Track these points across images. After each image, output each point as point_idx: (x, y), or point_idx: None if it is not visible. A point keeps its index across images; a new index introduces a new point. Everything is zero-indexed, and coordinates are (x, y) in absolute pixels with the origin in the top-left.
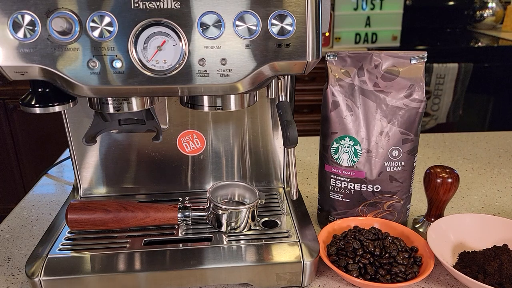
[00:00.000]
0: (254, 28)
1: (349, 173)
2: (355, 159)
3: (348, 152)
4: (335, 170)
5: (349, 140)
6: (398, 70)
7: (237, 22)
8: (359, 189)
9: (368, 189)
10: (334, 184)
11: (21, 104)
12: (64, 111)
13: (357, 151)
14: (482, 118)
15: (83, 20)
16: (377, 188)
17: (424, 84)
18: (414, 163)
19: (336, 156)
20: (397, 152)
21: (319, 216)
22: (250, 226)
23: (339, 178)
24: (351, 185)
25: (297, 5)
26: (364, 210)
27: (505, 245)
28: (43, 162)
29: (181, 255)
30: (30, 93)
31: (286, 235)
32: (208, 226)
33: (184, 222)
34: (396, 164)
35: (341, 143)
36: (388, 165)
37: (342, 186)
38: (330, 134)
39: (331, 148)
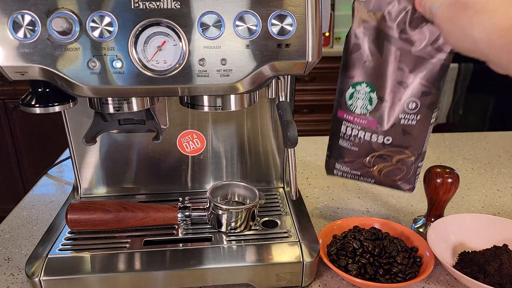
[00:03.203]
0: (254, 28)
1: (361, 121)
2: (369, 107)
3: (363, 99)
4: (347, 116)
5: (366, 87)
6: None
7: (237, 22)
8: (369, 139)
9: (378, 140)
10: (345, 131)
11: (21, 104)
12: (64, 111)
13: (372, 99)
14: (482, 118)
15: (83, 20)
16: (388, 140)
17: None
18: (432, 120)
19: (350, 102)
20: (414, 105)
21: (327, 163)
22: (250, 226)
23: (351, 125)
24: (361, 133)
25: (297, 5)
26: (371, 161)
27: (505, 245)
28: (43, 162)
29: (181, 255)
30: (30, 93)
31: (286, 235)
32: (208, 226)
33: (184, 222)
34: (412, 117)
35: (357, 89)
36: (403, 117)
37: (353, 134)
38: (348, 79)
39: (347, 94)
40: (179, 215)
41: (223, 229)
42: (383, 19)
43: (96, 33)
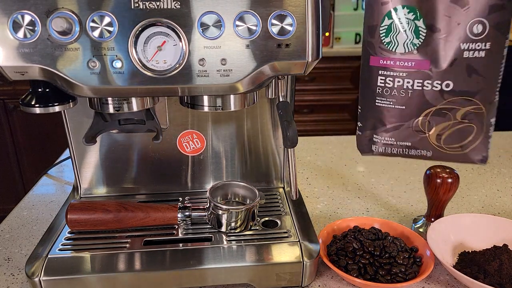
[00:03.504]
0: (254, 28)
1: (406, 63)
2: (416, 41)
3: (406, 31)
4: (385, 61)
5: (408, 12)
6: None
7: (237, 22)
8: (420, 87)
9: (434, 88)
10: (383, 85)
11: (21, 104)
12: (64, 111)
13: (420, 28)
14: None
15: (83, 20)
16: (447, 85)
17: None
18: (505, 49)
19: (387, 40)
20: (480, 27)
21: (359, 140)
22: (250, 226)
23: (391, 73)
24: (409, 82)
25: (297, 5)
26: (427, 122)
27: (505, 245)
28: (43, 162)
29: (181, 255)
30: (30, 93)
31: (286, 235)
32: (208, 226)
33: (184, 222)
34: (479, 46)
35: (395, 18)
36: (467, 47)
37: (396, 86)
38: (379, 6)
39: (381, 28)
40: (179, 215)
41: (223, 229)
42: None
43: (96, 33)
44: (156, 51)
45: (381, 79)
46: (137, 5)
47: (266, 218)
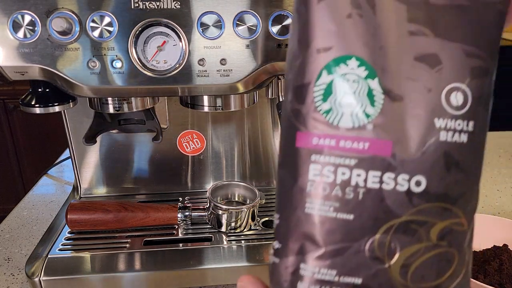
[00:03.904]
0: (254, 28)
1: (356, 144)
2: (370, 110)
3: (355, 94)
4: (321, 141)
5: (358, 67)
6: None
7: (237, 22)
8: (377, 185)
9: (399, 187)
10: (318, 179)
11: (21, 104)
12: (64, 111)
13: (374, 92)
14: None
15: (83, 20)
16: (418, 184)
17: None
18: (487, 128)
19: (326, 107)
20: (461, 98)
21: (275, 271)
22: (250, 226)
23: (332, 159)
24: (359, 175)
25: None
26: (388, 244)
27: (505, 245)
28: (43, 162)
29: (181, 255)
30: (30, 93)
31: None
32: (208, 226)
33: (184, 222)
34: (460, 126)
35: (339, 72)
36: (444, 126)
37: (338, 181)
38: (314, 53)
39: (316, 88)
40: (179, 215)
41: (223, 229)
42: None
43: (96, 33)
44: (156, 51)
45: (314, 169)
46: (137, 5)
47: (266, 218)
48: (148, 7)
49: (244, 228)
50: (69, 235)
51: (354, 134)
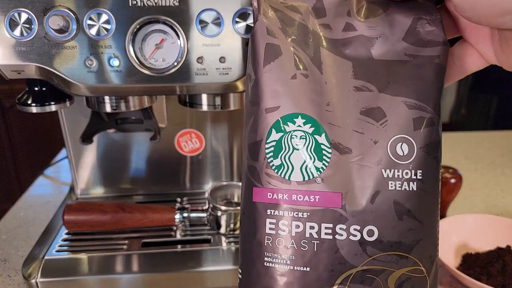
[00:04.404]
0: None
1: (307, 198)
2: (318, 164)
3: (303, 150)
4: (275, 196)
5: (305, 124)
6: None
7: (237, 20)
8: (331, 236)
9: (352, 237)
10: (274, 232)
11: (18, 103)
12: (61, 110)
13: (322, 146)
14: (485, 118)
15: (80, 18)
16: (370, 233)
17: (440, 17)
18: (440, 175)
19: (277, 162)
20: (406, 148)
21: None
22: None
23: (286, 213)
24: (312, 228)
25: None
26: None
27: (508, 247)
28: (40, 162)
29: (180, 257)
30: (26, 92)
31: None
32: (207, 228)
33: (183, 223)
34: (407, 174)
35: (287, 130)
36: (391, 175)
37: (293, 234)
38: (264, 113)
39: (267, 146)
40: (177, 216)
41: (222, 230)
42: (311, 15)
43: (93, 31)
44: (154, 49)
45: (270, 223)
46: (135, 2)
47: None
48: (146, 4)
49: None
50: (66, 236)
51: (305, 188)
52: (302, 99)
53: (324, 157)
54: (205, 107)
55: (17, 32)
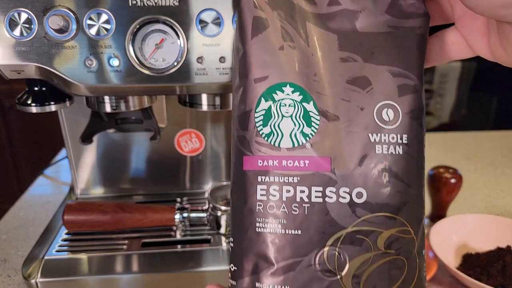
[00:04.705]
0: None
1: (297, 163)
2: (307, 130)
3: (292, 117)
4: (266, 163)
5: (293, 92)
6: None
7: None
8: (320, 199)
9: (341, 199)
10: (265, 198)
11: (18, 103)
12: (60, 110)
13: (310, 114)
14: (485, 117)
15: (80, 18)
16: (359, 195)
17: None
18: (424, 140)
19: (267, 130)
20: (392, 113)
21: None
22: None
23: (276, 179)
24: (302, 192)
25: None
26: (337, 255)
27: (508, 247)
28: (40, 162)
29: (179, 257)
30: (26, 92)
31: None
32: (207, 228)
33: (183, 223)
34: (394, 139)
35: (276, 98)
36: (378, 139)
37: (284, 199)
38: (252, 83)
39: (256, 114)
40: (177, 216)
41: (222, 230)
42: None
43: (93, 31)
44: (154, 49)
45: (261, 190)
46: (134, 2)
47: None
48: (146, 4)
49: None
50: (66, 236)
51: (295, 154)
52: (290, 69)
53: (312, 123)
54: (205, 107)
55: (17, 32)
